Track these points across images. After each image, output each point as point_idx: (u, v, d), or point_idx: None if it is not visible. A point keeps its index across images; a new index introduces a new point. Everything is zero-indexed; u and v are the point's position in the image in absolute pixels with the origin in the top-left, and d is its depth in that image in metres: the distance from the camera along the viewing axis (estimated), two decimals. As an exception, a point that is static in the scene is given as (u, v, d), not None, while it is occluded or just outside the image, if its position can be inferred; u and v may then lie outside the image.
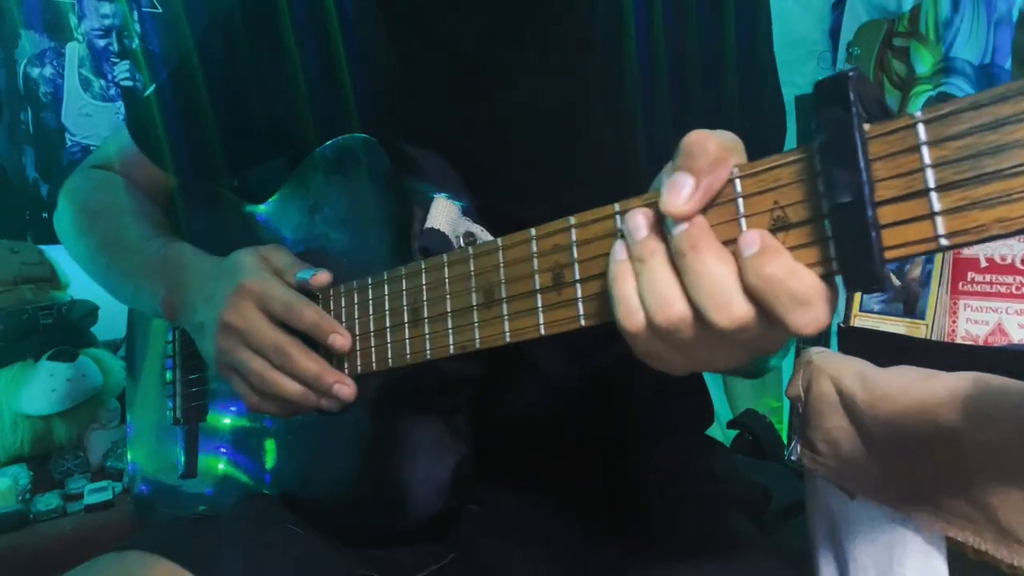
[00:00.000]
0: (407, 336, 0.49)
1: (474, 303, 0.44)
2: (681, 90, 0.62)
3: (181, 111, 0.74)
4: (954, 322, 0.75)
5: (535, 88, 0.62)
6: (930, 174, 0.29)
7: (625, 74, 0.63)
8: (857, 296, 0.84)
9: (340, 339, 0.52)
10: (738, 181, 0.34)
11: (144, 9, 1.50)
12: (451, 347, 0.46)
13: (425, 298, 0.48)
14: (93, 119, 1.48)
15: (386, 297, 0.51)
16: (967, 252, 0.74)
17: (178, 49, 0.77)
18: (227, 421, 0.71)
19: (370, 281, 0.53)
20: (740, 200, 0.34)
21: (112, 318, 1.29)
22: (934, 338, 0.76)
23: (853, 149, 0.30)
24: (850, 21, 1.49)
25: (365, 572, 0.59)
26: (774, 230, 0.32)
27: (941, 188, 0.28)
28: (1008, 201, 0.27)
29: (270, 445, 0.65)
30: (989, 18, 1.32)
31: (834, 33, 1.57)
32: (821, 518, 0.63)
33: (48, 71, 1.44)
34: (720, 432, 1.35)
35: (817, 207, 0.31)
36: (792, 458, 0.62)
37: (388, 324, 0.51)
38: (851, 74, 0.30)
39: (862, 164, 0.30)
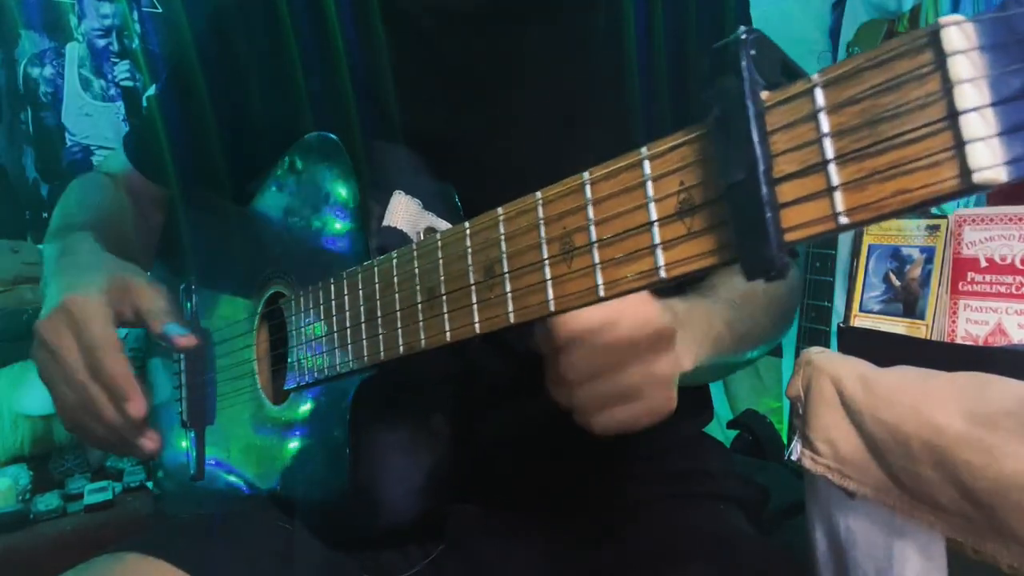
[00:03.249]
0: (364, 337, 0.48)
1: (419, 300, 0.43)
2: (680, 93, 0.62)
3: (172, 127, 0.74)
4: (954, 322, 0.75)
5: (530, 94, 0.62)
6: (828, 144, 0.26)
7: (623, 78, 0.63)
8: (857, 296, 0.84)
9: (134, 407, 0.51)
10: (646, 163, 0.31)
11: (144, 9, 1.50)
12: (400, 347, 0.45)
13: (378, 297, 0.47)
14: (93, 119, 1.48)
15: (346, 298, 0.51)
16: (967, 252, 0.74)
17: (169, 60, 0.79)
18: (230, 422, 0.71)
19: (321, 284, 0.53)
20: (649, 183, 0.31)
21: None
22: (934, 338, 0.76)
23: (745, 121, 0.27)
24: (850, 21, 1.49)
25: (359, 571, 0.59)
26: (681, 214, 0.30)
27: (840, 160, 0.25)
28: (907, 171, 0.24)
29: (266, 445, 0.65)
30: (989, 18, 1.32)
31: (834, 33, 1.57)
32: (820, 518, 0.63)
33: (48, 71, 1.44)
34: (720, 432, 1.35)
35: (717, 187, 0.29)
36: (792, 458, 0.62)
37: (348, 325, 0.50)
38: (744, 36, 0.27)
39: (755, 137, 0.27)
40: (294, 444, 0.62)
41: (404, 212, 0.52)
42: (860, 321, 0.83)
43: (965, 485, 0.49)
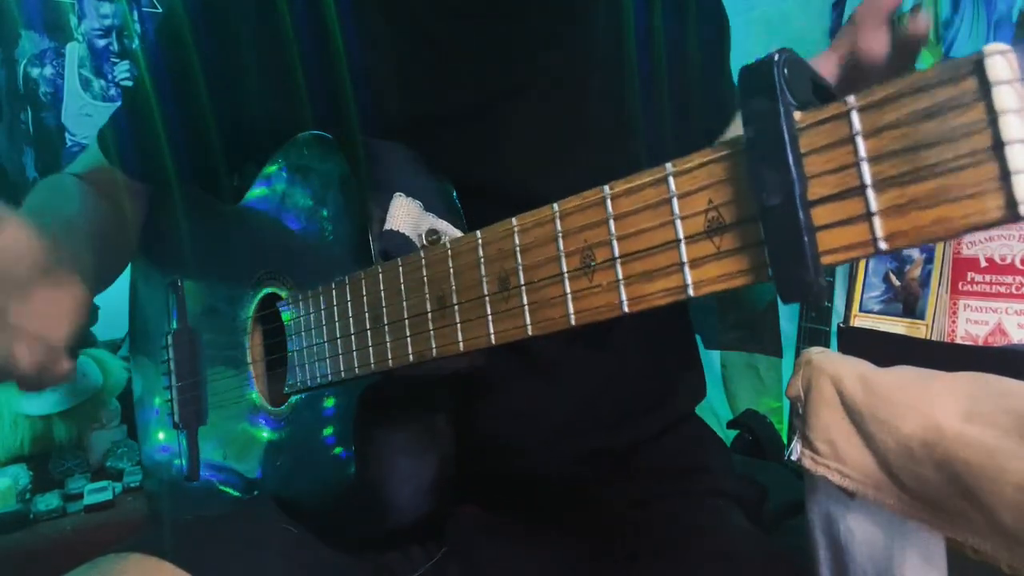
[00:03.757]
0: (370, 343, 0.48)
1: (428, 309, 0.43)
2: (678, 82, 0.62)
3: (152, 121, 0.72)
4: (954, 322, 0.75)
5: (527, 78, 0.62)
6: (866, 169, 0.25)
7: (622, 60, 0.63)
8: (857, 296, 0.84)
9: None
10: (671, 179, 0.31)
11: (144, 9, 1.49)
12: (410, 356, 0.45)
13: (384, 304, 0.47)
14: (93, 119, 1.47)
15: (349, 304, 0.50)
16: (967, 252, 0.74)
17: (152, 50, 0.75)
18: (223, 424, 0.71)
19: (323, 288, 0.53)
20: (675, 200, 0.31)
21: (112, 318, 1.29)
22: (934, 338, 0.76)
23: (781, 145, 0.27)
24: (850, 21, 1.49)
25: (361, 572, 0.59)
26: (709, 232, 0.30)
27: (878, 185, 0.25)
28: (949, 200, 0.24)
29: (263, 447, 0.65)
30: (989, 18, 1.32)
31: (834, 33, 1.57)
32: (820, 518, 0.63)
33: (48, 71, 1.43)
34: (720, 432, 1.35)
35: (750, 207, 0.28)
36: (792, 458, 0.62)
37: (353, 331, 0.50)
38: (777, 57, 0.27)
39: (791, 161, 0.27)
40: (294, 446, 0.62)
41: (405, 215, 0.51)
42: (860, 321, 0.83)
43: (965, 485, 0.49)
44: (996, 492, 0.48)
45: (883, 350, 0.61)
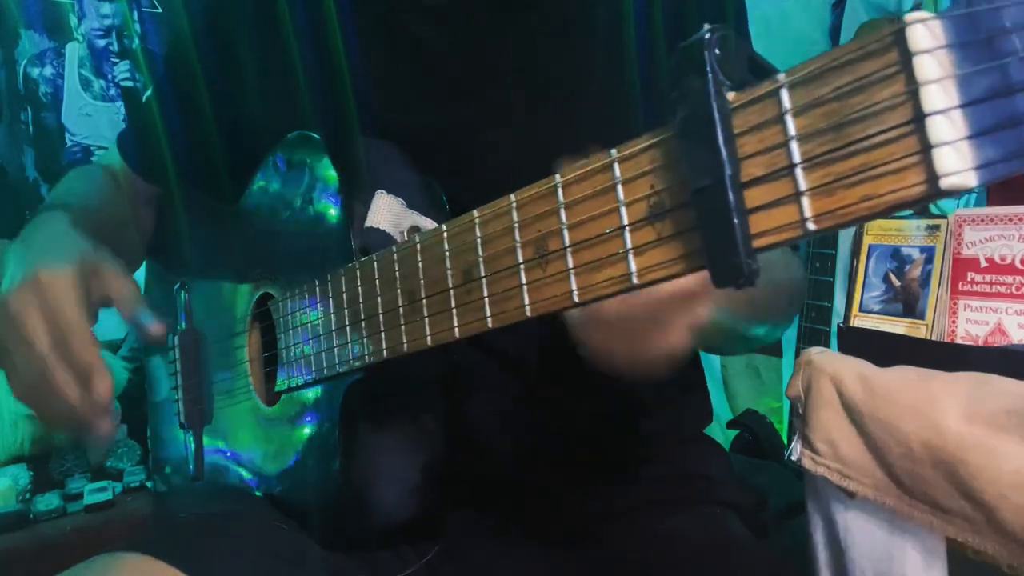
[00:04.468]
0: (348, 340, 0.48)
1: (400, 303, 0.43)
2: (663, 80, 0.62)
3: (165, 126, 0.74)
4: (954, 322, 0.75)
5: (513, 84, 0.62)
6: (795, 147, 0.24)
7: (609, 66, 0.62)
8: (857, 296, 0.84)
9: (101, 387, 0.51)
10: (616, 165, 0.30)
11: (144, 9, 1.50)
12: (384, 351, 0.45)
13: (361, 300, 0.47)
14: (93, 119, 1.48)
15: (330, 301, 0.51)
16: (967, 252, 0.74)
17: (163, 59, 0.79)
18: (227, 423, 0.71)
19: (306, 287, 0.53)
20: (619, 186, 0.30)
21: (112, 318, 1.29)
22: (934, 338, 0.76)
23: (711, 123, 0.26)
24: (850, 21, 1.49)
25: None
26: (652, 218, 0.29)
27: (807, 163, 0.24)
28: (873, 176, 0.23)
29: (260, 446, 0.65)
30: (989, 18, 1.32)
31: (834, 32, 1.57)
32: (821, 518, 0.63)
33: (48, 71, 1.44)
34: (720, 432, 1.35)
35: (686, 191, 0.27)
36: (792, 458, 0.62)
37: (333, 328, 0.50)
38: (708, 35, 0.26)
39: (720, 140, 0.26)
40: (287, 445, 0.62)
41: (387, 212, 0.51)
42: (860, 321, 0.83)
43: (965, 485, 0.49)
44: (996, 492, 0.48)
45: (883, 350, 0.61)
